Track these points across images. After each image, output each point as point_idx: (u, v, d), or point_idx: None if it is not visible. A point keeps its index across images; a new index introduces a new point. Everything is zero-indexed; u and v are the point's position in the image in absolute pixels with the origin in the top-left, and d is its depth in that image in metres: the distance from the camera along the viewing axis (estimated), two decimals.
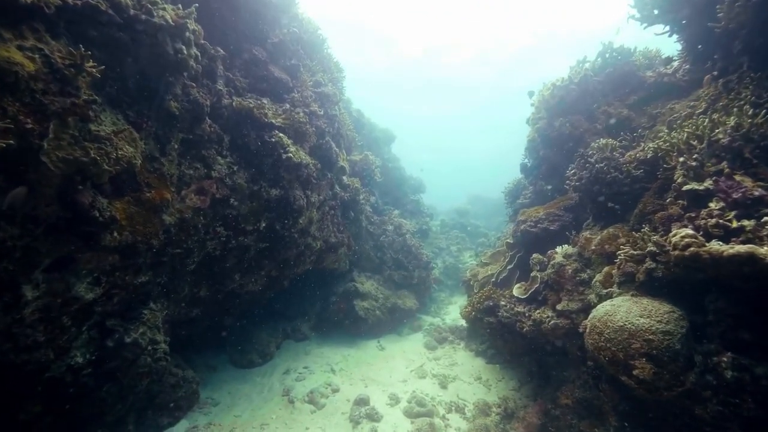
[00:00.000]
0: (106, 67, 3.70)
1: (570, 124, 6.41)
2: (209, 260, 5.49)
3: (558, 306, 4.92)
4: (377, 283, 10.37)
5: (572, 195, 6.23)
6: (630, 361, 3.38)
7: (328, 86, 6.66)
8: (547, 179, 7.49)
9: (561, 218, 5.98)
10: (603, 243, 4.49)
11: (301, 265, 7.32)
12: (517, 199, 9.14)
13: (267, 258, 6.34)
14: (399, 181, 14.32)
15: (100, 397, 4.18)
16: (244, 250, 5.87)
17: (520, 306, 5.59)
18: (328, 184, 7.16)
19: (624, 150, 4.69)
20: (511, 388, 7.02)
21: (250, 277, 6.38)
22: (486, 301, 6.02)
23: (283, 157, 5.33)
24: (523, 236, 6.49)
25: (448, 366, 8.16)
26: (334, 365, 8.03)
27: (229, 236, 5.48)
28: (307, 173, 5.95)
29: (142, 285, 4.45)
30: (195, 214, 4.84)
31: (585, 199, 4.95)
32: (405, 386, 7.20)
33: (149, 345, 4.35)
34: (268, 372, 7.75)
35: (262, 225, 5.88)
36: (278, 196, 5.83)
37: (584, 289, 4.72)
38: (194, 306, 5.88)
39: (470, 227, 17.32)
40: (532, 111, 7.26)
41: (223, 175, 5.10)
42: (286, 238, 6.30)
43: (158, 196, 4.19)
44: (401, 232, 11.04)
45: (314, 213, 6.81)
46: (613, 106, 6.36)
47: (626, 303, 3.65)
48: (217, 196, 5.07)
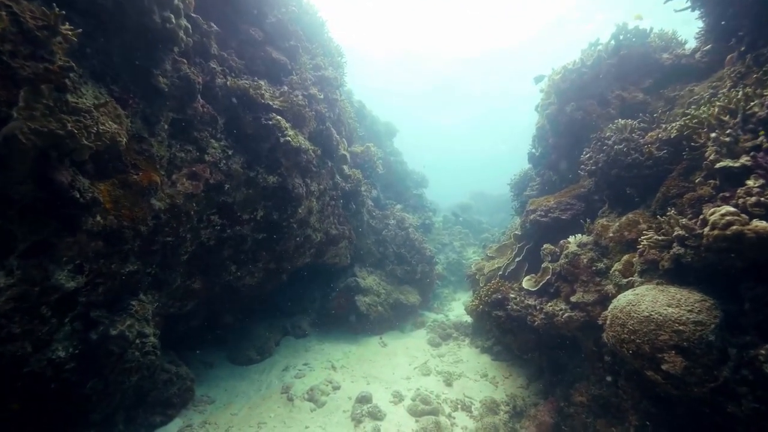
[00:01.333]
0: (89, 37, 3.42)
1: (582, 110, 6.11)
2: (203, 250, 5.21)
3: (572, 298, 4.64)
4: (379, 278, 10.09)
5: (584, 183, 5.94)
6: (658, 354, 3.09)
7: (329, 70, 6.38)
8: (556, 169, 7.20)
9: (573, 207, 5.69)
10: (622, 230, 4.20)
11: (301, 258, 7.05)
12: (523, 191, 8.85)
13: (264, 249, 6.06)
14: (401, 176, 14.03)
15: (84, 394, 3.91)
16: (241, 240, 5.60)
17: (531, 299, 5.31)
18: (329, 173, 6.88)
19: (643, 131, 4.40)
20: (519, 385, 6.74)
21: (247, 270, 6.11)
22: (494, 294, 5.74)
23: (281, 141, 5.05)
24: (532, 227, 6.20)
25: (453, 363, 7.88)
26: (335, 362, 7.76)
27: (224, 225, 5.20)
28: (307, 160, 5.67)
29: (131, 275, 4.17)
30: (187, 200, 4.56)
31: (601, 185, 4.66)
32: (408, 384, 6.93)
33: (137, 338, 4.08)
34: (266, 369, 7.48)
35: (259, 214, 5.60)
36: (276, 184, 5.55)
37: (601, 280, 4.43)
38: (188, 299, 5.61)
39: (472, 222, 17.02)
40: (542, 97, 6.96)
41: (217, 159, 4.82)
42: (284, 228, 6.03)
43: (146, 179, 3.92)
44: (404, 226, 10.76)
45: (314, 203, 6.53)
46: (627, 90, 6.06)
47: (651, 292, 3.37)
48: (210, 181, 4.79)
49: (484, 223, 18.04)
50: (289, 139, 5.06)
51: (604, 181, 4.54)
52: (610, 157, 4.29)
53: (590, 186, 5.47)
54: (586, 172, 4.87)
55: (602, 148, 4.47)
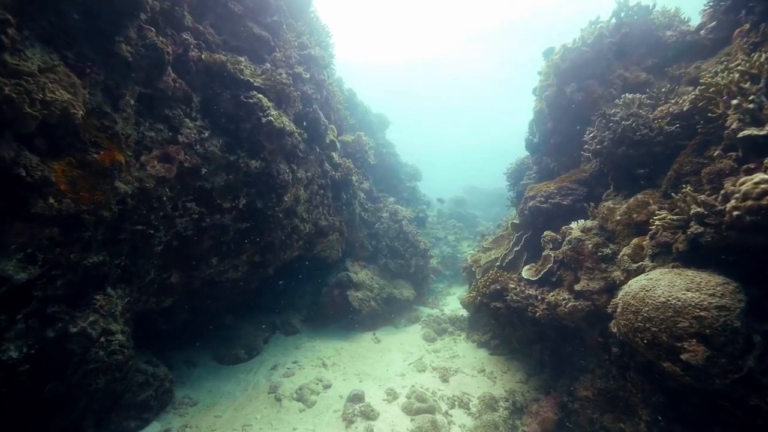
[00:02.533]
0: None
1: (582, 91, 5.82)
2: (180, 241, 4.82)
3: (576, 286, 4.35)
4: (372, 272, 9.76)
5: (585, 167, 5.65)
6: (677, 343, 2.80)
7: (315, 49, 6.00)
8: (555, 155, 6.91)
9: (574, 192, 5.40)
10: (630, 212, 3.92)
11: (288, 251, 6.67)
12: (520, 180, 8.57)
13: (248, 240, 5.68)
14: (394, 168, 13.68)
15: (42, 399, 3.52)
16: (222, 230, 5.21)
17: (531, 289, 5.01)
18: (317, 160, 6.51)
19: (651, 107, 4.11)
20: (518, 380, 6.46)
21: (229, 263, 5.72)
22: (492, 284, 5.43)
23: (263, 121, 4.67)
24: (531, 214, 5.90)
25: (449, 358, 7.59)
26: (326, 359, 7.42)
27: (202, 213, 4.81)
28: (292, 144, 5.29)
29: (95, 266, 3.78)
30: (159, 185, 4.17)
31: (607, 165, 4.37)
32: (403, 381, 6.61)
33: (102, 336, 3.69)
34: (254, 368, 7.12)
35: (242, 202, 5.22)
36: (259, 169, 5.17)
37: (607, 266, 4.14)
38: (165, 294, 5.21)
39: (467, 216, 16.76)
40: (540, 79, 6.66)
41: (192, 140, 4.43)
42: (269, 218, 5.65)
43: (108, 159, 3.52)
44: (397, 219, 10.43)
45: (301, 191, 6.15)
46: (629, 70, 5.78)
47: (667, 276, 3.08)
48: (185, 164, 4.40)
49: (478, 217, 17.78)
50: (272, 120, 4.68)
51: (610, 161, 4.25)
52: (617, 135, 4.00)
53: (593, 169, 5.18)
54: (590, 153, 4.58)
55: (608, 125, 4.17)
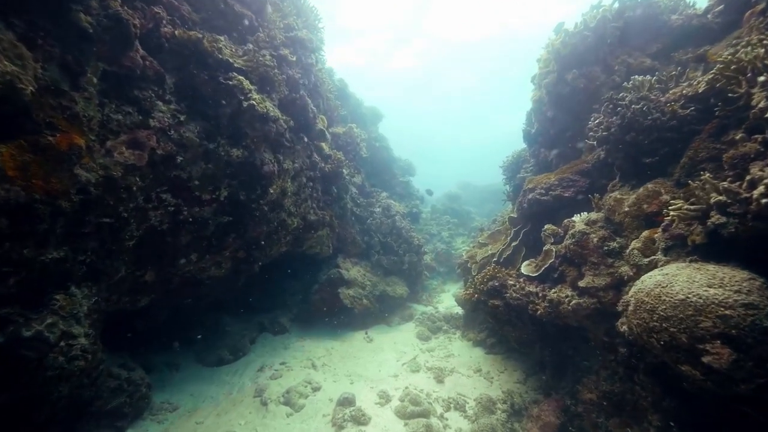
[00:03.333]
0: None
1: (584, 77, 5.54)
2: (155, 236, 4.45)
3: (580, 283, 4.08)
4: (364, 269, 9.45)
5: (587, 158, 5.39)
6: (698, 344, 2.53)
7: (302, 31, 5.63)
8: (553, 146, 6.64)
9: (576, 183, 5.14)
10: (640, 203, 3.65)
11: (275, 247, 6.32)
12: (517, 174, 8.31)
13: (231, 235, 5.32)
14: (387, 163, 13.35)
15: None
16: (201, 224, 4.85)
17: (532, 285, 4.74)
18: (305, 151, 6.15)
19: (661, 91, 3.85)
20: (516, 380, 6.22)
21: (211, 259, 5.36)
22: (490, 281, 5.15)
23: (245, 105, 4.31)
24: (530, 207, 5.63)
25: (444, 358, 7.32)
26: (315, 360, 7.10)
27: (179, 206, 4.44)
28: (277, 131, 4.94)
29: (55, 263, 3.40)
30: (128, 173, 3.80)
31: (613, 153, 4.09)
32: (396, 382, 6.32)
33: (61, 340, 3.32)
34: (239, 370, 6.77)
35: (223, 194, 4.86)
36: (241, 158, 4.81)
37: (614, 261, 3.88)
38: (140, 293, 4.84)
39: (461, 211, 16.52)
40: (539, 66, 6.37)
41: (165, 125, 4.05)
42: (253, 211, 5.30)
43: (66, 142, 3.14)
44: (390, 214, 10.11)
45: (288, 183, 5.80)
46: (633, 56, 5.52)
47: (684, 271, 2.81)
48: (158, 151, 4.02)
49: (472, 212, 17.55)
50: (254, 104, 4.32)
51: (617, 148, 3.97)
52: (626, 120, 3.72)
53: (596, 159, 4.91)
54: (595, 140, 4.30)
55: (615, 110, 3.90)
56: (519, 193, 8.31)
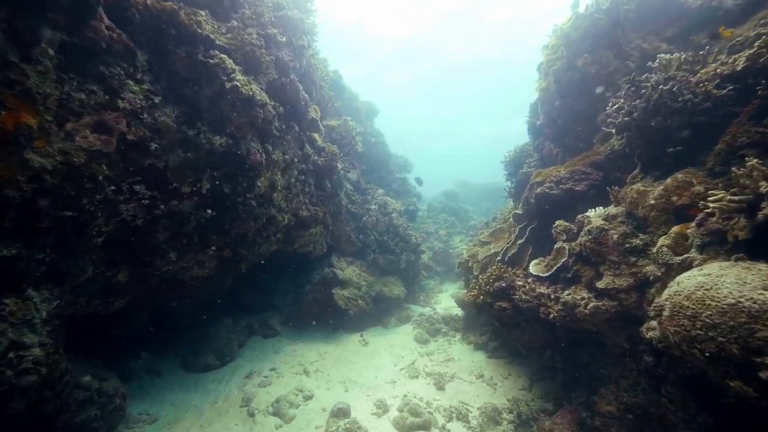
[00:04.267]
0: None
1: (596, 63, 5.18)
2: (127, 232, 4.00)
3: (598, 284, 3.71)
4: (359, 268, 9.03)
5: (599, 149, 5.03)
6: (754, 357, 2.16)
7: (293, 11, 5.21)
8: (560, 138, 6.28)
9: (589, 176, 4.77)
10: (668, 194, 3.28)
11: (264, 245, 5.89)
12: (519, 169, 7.94)
13: (215, 232, 4.88)
14: (383, 159, 12.94)
15: None
16: (181, 219, 4.40)
17: (542, 286, 4.37)
18: (297, 141, 5.72)
19: (690, 72, 3.49)
20: (521, 387, 5.85)
21: (193, 258, 4.92)
22: (496, 281, 4.77)
23: (227, 87, 3.88)
24: (538, 202, 5.26)
25: (444, 362, 6.94)
26: (308, 365, 6.68)
27: (154, 198, 4.00)
28: (265, 117, 4.51)
29: (5, 262, 2.95)
30: (93, 160, 3.35)
31: (635, 141, 3.73)
32: (394, 389, 5.93)
33: (10, 351, 2.87)
34: (226, 376, 6.33)
35: (205, 186, 4.42)
36: (225, 147, 4.37)
37: (637, 260, 3.51)
38: (113, 295, 4.39)
39: (459, 210, 16.16)
40: (546, 53, 6.01)
41: (137, 107, 3.60)
42: (239, 205, 4.86)
43: (12, 122, 2.69)
44: (386, 211, 9.71)
45: (278, 176, 5.37)
46: (647, 41, 5.18)
47: (731, 270, 2.44)
48: (129, 137, 3.58)
49: (470, 211, 17.21)
50: (238, 85, 3.89)
51: (639, 135, 3.61)
52: (651, 103, 3.36)
53: (609, 150, 4.55)
54: (614, 128, 3.93)
55: (639, 92, 3.53)
56: (522, 189, 7.95)
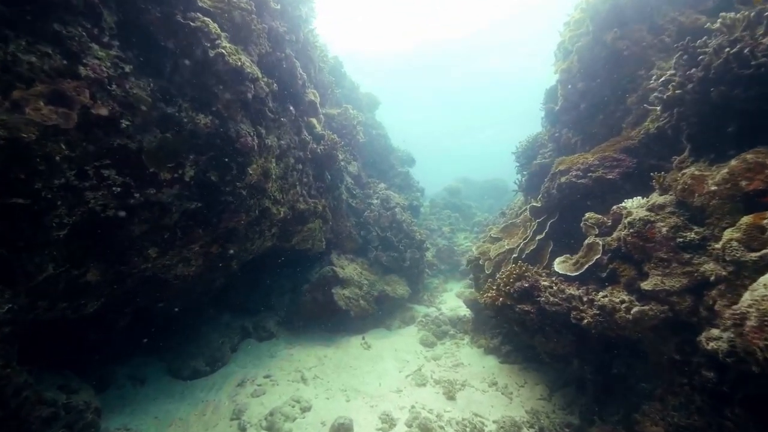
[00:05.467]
0: None
1: (627, 38, 4.65)
2: (96, 224, 3.45)
3: (644, 285, 3.19)
4: (361, 266, 8.51)
5: (631, 133, 4.51)
6: None
7: None
8: (582, 125, 5.75)
9: (621, 163, 4.25)
10: (734, 179, 2.76)
11: (258, 240, 5.35)
12: (533, 160, 7.41)
13: (200, 226, 4.34)
14: (385, 152, 12.39)
15: None
16: (160, 211, 3.86)
17: (572, 287, 3.85)
18: (293, 126, 5.18)
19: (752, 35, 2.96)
20: (539, 396, 5.36)
21: (176, 255, 4.38)
22: (517, 281, 4.25)
23: (211, 55, 3.33)
24: (561, 193, 4.74)
25: (453, 367, 6.44)
26: (305, 371, 6.16)
27: (127, 186, 3.45)
28: (257, 95, 3.96)
29: None
30: (47, 138, 2.81)
31: (687, 119, 3.20)
32: (400, 399, 5.42)
33: None
34: (216, 384, 5.81)
35: (188, 173, 3.87)
36: (211, 127, 3.83)
37: (692, 256, 3.00)
38: (83, 297, 3.85)
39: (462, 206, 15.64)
40: (569, 29, 5.44)
41: (103, 76, 3.05)
42: (228, 195, 4.32)
43: None
44: (389, 206, 9.18)
45: (272, 164, 4.83)
46: (685, 14, 4.65)
47: None
48: (93, 111, 3.03)
49: (473, 207, 16.68)
50: (224, 53, 3.35)
51: (694, 111, 3.09)
52: (712, 71, 2.84)
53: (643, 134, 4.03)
54: (660, 104, 3.41)
55: (695, 60, 3.01)
56: (535, 182, 7.43)
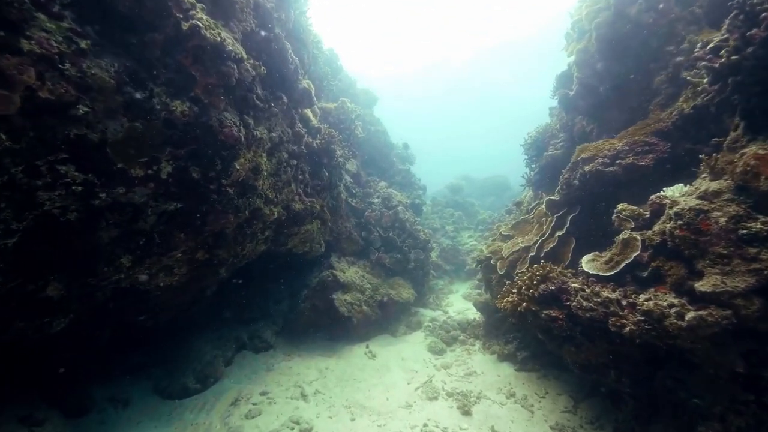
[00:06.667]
0: None
1: (653, 10, 4.19)
2: (55, 230, 2.96)
3: (698, 285, 2.71)
4: (363, 269, 8.02)
5: (662, 115, 4.03)
6: None
7: None
8: (598, 112, 5.28)
9: (655, 148, 3.78)
10: None
11: (249, 244, 4.85)
12: (544, 152, 6.94)
13: (183, 229, 3.84)
14: (384, 149, 11.90)
15: None
16: (133, 213, 3.36)
17: (607, 289, 3.36)
18: (285, 117, 4.69)
19: None
20: (563, 408, 4.87)
21: (155, 263, 3.88)
22: (542, 283, 3.76)
23: (184, 28, 2.85)
24: (585, 184, 4.26)
25: (465, 377, 5.94)
26: (306, 386, 5.66)
27: (90, 184, 2.96)
28: (241, 79, 3.47)
29: None
30: None
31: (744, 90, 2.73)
32: (410, 415, 4.92)
33: None
34: (208, 403, 5.30)
35: (165, 169, 3.38)
36: (190, 117, 3.33)
37: (759, 251, 2.52)
38: (45, 314, 3.35)
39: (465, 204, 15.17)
40: (586, 5, 4.93)
41: (53, 53, 2.57)
42: (212, 195, 3.82)
43: None
44: (391, 205, 8.70)
45: (263, 159, 4.33)
46: None
47: None
48: (41, 94, 2.54)
49: (476, 205, 16.21)
50: (199, 26, 2.86)
51: (756, 79, 2.61)
52: None
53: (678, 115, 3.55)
54: (711, 73, 2.94)
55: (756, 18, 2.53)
56: (546, 175, 6.96)
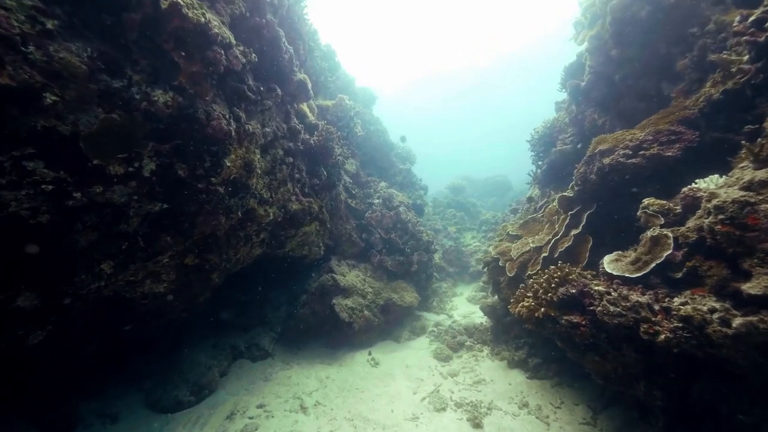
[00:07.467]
0: None
1: None
2: (26, 235, 2.65)
3: (747, 287, 2.41)
4: (364, 273, 7.71)
5: (686, 103, 3.74)
6: None
7: None
8: (612, 103, 4.99)
9: (682, 137, 3.48)
10: None
11: (243, 247, 4.55)
12: (552, 148, 6.65)
13: (170, 232, 3.53)
14: (384, 149, 11.60)
15: None
16: (113, 214, 3.06)
17: (635, 293, 3.05)
18: (280, 111, 4.39)
19: None
20: (581, 420, 4.55)
21: (140, 269, 3.57)
22: (561, 287, 3.46)
23: (163, 7, 2.56)
24: (603, 178, 3.96)
25: (473, 385, 5.62)
26: (305, 397, 5.34)
27: (62, 182, 2.65)
28: (230, 66, 3.18)
29: None
30: None
31: None
32: (417, 429, 4.60)
33: None
34: (202, 417, 4.98)
35: (147, 166, 3.07)
36: (173, 108, 3.03)
37: None
38: (19, 327, 3.04)
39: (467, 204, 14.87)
40: None
41: (14, 33, 2.27)
42: (201, 194, 3.52)
43: None
44: (392, 205, 8.39)
45: (256, 155, 4.03)
46: None
47: None
48: (0, 80, 2.23)
49: (478, 205, 15.91)
50: (179, 3, 2.57)
51: None
52: None
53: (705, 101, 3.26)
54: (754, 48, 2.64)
55: None
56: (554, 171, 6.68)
